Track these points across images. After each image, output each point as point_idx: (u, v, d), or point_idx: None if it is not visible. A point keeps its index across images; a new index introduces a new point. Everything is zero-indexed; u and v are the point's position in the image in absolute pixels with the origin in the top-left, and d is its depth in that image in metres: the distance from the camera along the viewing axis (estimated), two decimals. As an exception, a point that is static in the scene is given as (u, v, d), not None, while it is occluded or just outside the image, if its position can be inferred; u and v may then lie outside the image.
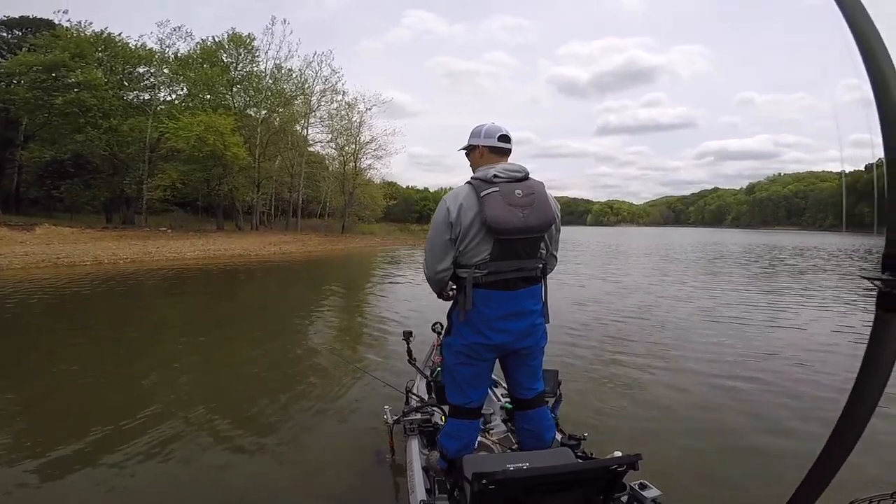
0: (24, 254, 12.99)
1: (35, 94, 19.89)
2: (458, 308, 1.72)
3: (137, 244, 17.00)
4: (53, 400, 3.52)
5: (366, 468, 2.50)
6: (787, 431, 3.07)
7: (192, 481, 2.41)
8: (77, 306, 7.42)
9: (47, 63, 19.93)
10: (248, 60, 26.68)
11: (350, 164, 31.16)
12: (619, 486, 1.46)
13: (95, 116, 20.90)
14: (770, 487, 2.38)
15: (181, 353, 4.94)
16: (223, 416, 3.21)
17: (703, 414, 3.36)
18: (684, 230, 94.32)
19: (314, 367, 4.40)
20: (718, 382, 3.99)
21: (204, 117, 21.47)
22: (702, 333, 5.77)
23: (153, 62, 24.25)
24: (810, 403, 3.57)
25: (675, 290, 9.50)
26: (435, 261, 1.71)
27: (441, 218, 1.68)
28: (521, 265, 1.68)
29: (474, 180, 1.69)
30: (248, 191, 25.89)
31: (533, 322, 1.73)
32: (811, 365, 4.57)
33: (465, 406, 1.79)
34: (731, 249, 25.47)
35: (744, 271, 14.09)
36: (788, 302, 8.19)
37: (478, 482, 1.27)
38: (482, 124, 1.82)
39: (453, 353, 1.77)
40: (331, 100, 29.62)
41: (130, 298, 8.73)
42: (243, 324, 6.69)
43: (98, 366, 4.39)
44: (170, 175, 22.28)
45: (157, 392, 3.72)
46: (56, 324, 6.35)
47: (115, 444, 2.74)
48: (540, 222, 1.66)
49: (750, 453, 2.76)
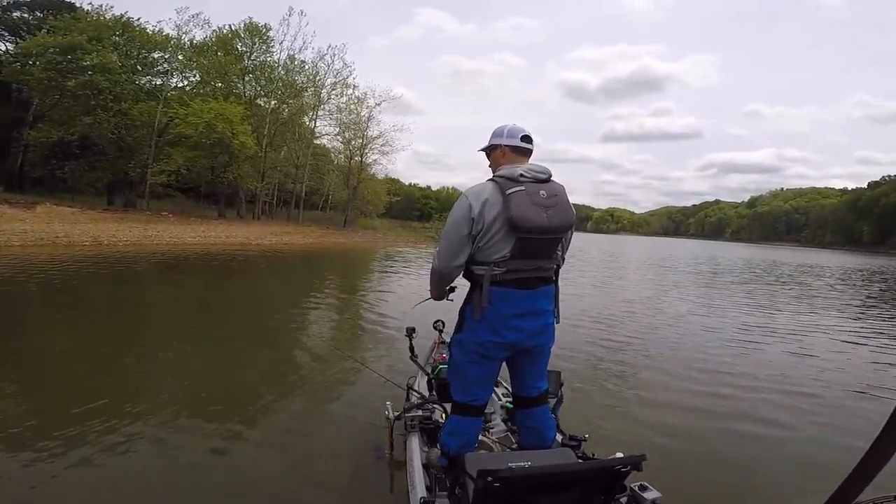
0: (24, 231, 12.92)
1: (49, 75, 20.00)
2: (472, 305, 1.72)
3: (138, 227, 16.92)
4: (40, 388, 3.34)
5: (365, 464, 2.48)
6: (790, 438, 3.08)
7: (185, 475, 2.35)
8: (71, 288, 7.25)
9: (64, 45, 20.03)
10: (262, 50, 26.75)
11: (356, 158, 31.04)
12: (620, 487, 1.45)
13: (107, 99, 20.97)
14: (772, 492, 2.39)
15: (177, 341, 4.84)
16: (218, 408, 3.14)
17: (705, 420, 3.36)
18: (682, 241, 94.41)
19: (313, 361, 4.32)
20: (722, 391, 3.99)
21: (215, 104, 21.52)
22: (706, 344, 5.77)
23: (168, 48, 24.35)
24: (815, 410, 3.60)
25: (677, 302, 9.50)
26: (450, 255, 1.71)
27: (462, 213, 1.67)
28: (538, 265, 1.70)
29: (499, 178, 1.69)
30: (252, 180, 25.87)
31: (546, 321, 1.75)
32: (819, 375, 4.63)
33: (470, 404, 1.80)
34: (735, 264, 25.38)
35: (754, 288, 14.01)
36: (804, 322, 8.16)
37: (483, 480, 1.26)
38: (504, 125, 1.83)
39: (464, 351, 1.76)
40: (341, 93, 29.57)
41: (127, 282, 8.61)
42: (242, 314, 6.62)
43: (91, 352, 4.24)
44: (175, 160, 22.29)
45: (151, 383, 3.62)
46: (48, 307, 6.12)
47: (106, 434, 2.64)
48: (562, 223, 1.68)
49: (752, 459, 2.76)
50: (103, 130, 21.59)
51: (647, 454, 1.41)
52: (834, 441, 3.05)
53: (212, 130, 20.81)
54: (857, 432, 3.14)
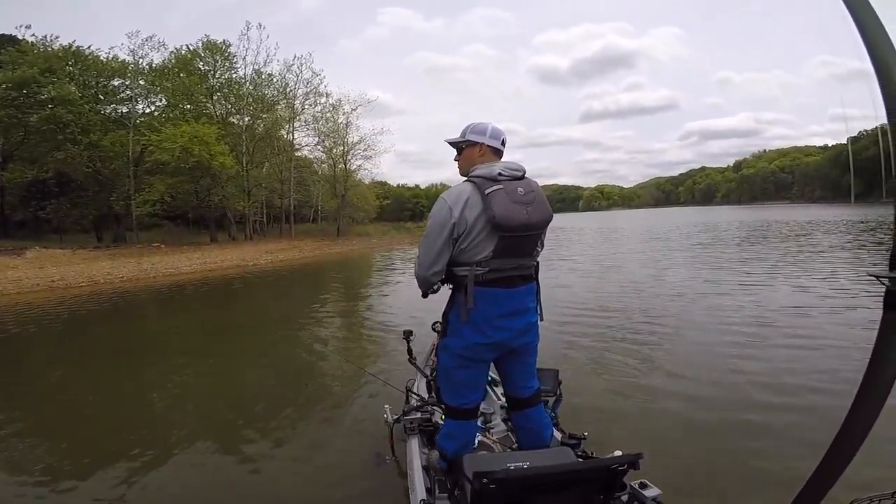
0: (17, 279, 12.82)
1: (8, 113, 19.36)
2: (457, 308, 1.70)
3: (132, 262, 16.83)
4: (62, 419, 3.53)
5: (365, 467, 2.48)
6: (790, 433, 2.95)
7: (192, 480, 2.46)
8: (79, 329, 7.40)
9: (16, 80, 19.33)
10: (225, 67, 26.33)
11: (340, 165, 30.94)
12: (620, 486, 1.45)
13: (74, 132, 20.37)
14: (772, 488, 2.34)
15: (186, 361, 5.04)
16: (226, 416, 3.26)
17: (706, 414, 3.24)
18: (676, 210, 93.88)
19: (313, 368, 4.52)
20: (724, 380, 3.82)
21: (187, 127, 21.11)
22: (708, 330, 5.39)
23: (127, 74, 23.66)
24: (815, 402, 3.36)
25: (679, 283, 9.17)
26: (430, 260, 1.69)
27: (442, 217, 1.65)
28: (520, 262, 1.70)
29: (476, 178, 1.67)
30: (238, 199, 25.64)
31: (530, 319, 1.75)
32: (818, 360, 4.21)
33: (461, 407, 1.78)
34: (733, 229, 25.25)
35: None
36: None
37: (479, 481, 1.26)
38: (485, 124, 1.80)
39: (451, 355, 1.74)
40: (315, 102, 29.38)
41: (131, 317, 8.71)
42: (245, 333, 6.74)
43: (103, 383, 4.44)
44: (157, 188, 21.86)
45: (165, 398, 3.87)
46: (59, 349, 6.31)
47: (122, 449, 2.79)
48: (541, 219, 1.69)
49: (752, 455, 2.70)
50: (77, 165, 21.08)
51: (645, 452, 1.40)
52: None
53: (188, 154, 20.44)
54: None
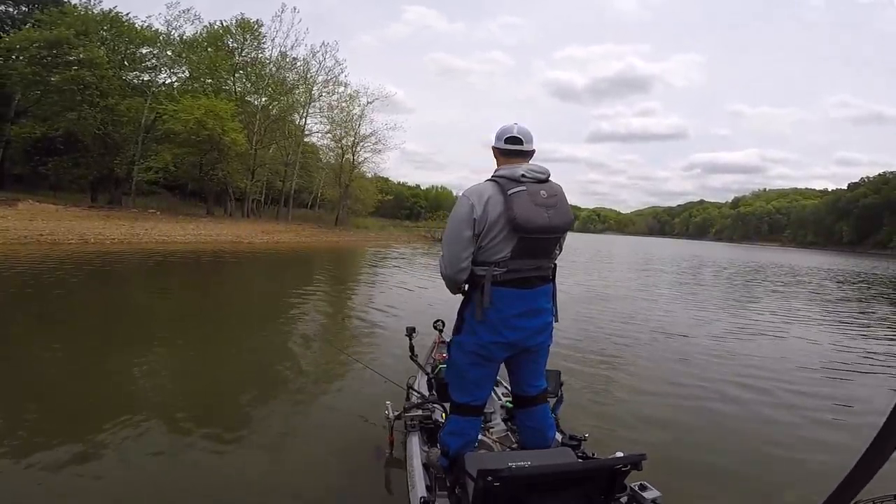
0: (5, 229, 12.50)
1: (34, 70, 19.54)
2: (473, 306, 1.70)
3: (125, 225, 16.54)
4: (27, 392, 3.21)
5: (365, 464, 2.46)
6: (790, 437, 3.08)
7: (180, 477, 2.30)
8: (62, 289, 7.04)
9: (50, 39, 19.57)
10: (253, 46, 26.37)
11: (347, 156, 30.75)
12: (620, 487, 1.46)
13: (93, 95, 20.56)
14: (772, 493, 2.39)
15: (171, 340, 4.78)
16: (215, 409, 3.09)
17: (706, 419, 3.36)
18: (667, 241, 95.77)
19: (314, 361, 4.28)
20: (722, 389, 4.00)
21: (205, 101, 21.17)
22: (706, 344, 5.76)
23: (157, 43, 23.95)
24: (814, 410, 3.59)
25: (674, 304, 9.52)
26: (456, 258, 1.68)
27: (464, 214, 1.65)
28: (538, 264, 1.70)
29: (500, 178, 1.67)
30: (242, 177, 25.55)
31: (546, 320, 1.76)
32: (820, 375, 4.66)
33: (469, 404, 1.79)
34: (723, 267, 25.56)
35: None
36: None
37: (483, 479, 1.26)
38: (503, 125, 1.79)
39: (465, 352, 1.75)
40: (332, 91, 29.28)
41: (118, 282, 8.44)
42: (242, 315, 6.51)
43: (78, 354, 4.12)
44: (163, 157, 21.87)
45: (142, 382, 3.56)
46: (37, 309, 5.82)
47: (92, 436, 2.56)
48: (562, 223, 1.70)
49: (752, 459, 2.76)
50: (88, 126, 21.10)
51: (647, 453, 1.42)
52: (837, 439, 3.03)
53: (202, 127, 20.46)
54: (865, 434, 3.15)
